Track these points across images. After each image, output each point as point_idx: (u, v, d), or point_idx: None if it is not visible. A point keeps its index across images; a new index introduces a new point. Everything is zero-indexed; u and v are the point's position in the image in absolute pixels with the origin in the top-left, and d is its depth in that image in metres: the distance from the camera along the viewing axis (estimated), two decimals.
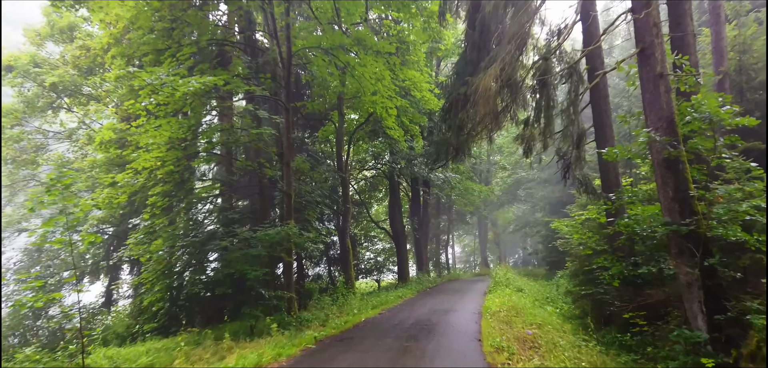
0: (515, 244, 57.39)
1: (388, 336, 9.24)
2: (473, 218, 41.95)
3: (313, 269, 24.68)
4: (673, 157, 7.63)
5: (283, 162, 11.74)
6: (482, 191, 30.87)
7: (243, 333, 9.93)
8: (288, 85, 11.68)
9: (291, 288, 11.46)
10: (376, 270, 27.68)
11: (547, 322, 11.86)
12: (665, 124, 7.79)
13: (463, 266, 51.70)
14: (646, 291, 10.16)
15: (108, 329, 13.67)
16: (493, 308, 12.75)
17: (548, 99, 9.18)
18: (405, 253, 23.68)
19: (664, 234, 7.67)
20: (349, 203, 16.64)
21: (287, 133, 11.62)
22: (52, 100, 19.30)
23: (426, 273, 25.86)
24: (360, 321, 11.32)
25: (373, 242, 29.19)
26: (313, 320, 11.35)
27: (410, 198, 26.98)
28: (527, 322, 11.04)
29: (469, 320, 11.22)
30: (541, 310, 14.58)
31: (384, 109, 13.18)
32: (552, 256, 27.90)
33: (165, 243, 10.96)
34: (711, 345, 6.83)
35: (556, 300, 17.78)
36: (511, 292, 16.79)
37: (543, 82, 9.23)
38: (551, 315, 14.16)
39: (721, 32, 13.01)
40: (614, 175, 11.02)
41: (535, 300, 16.88)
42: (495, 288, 18.00)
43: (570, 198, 25.08)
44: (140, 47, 11.59)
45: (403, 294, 17.13)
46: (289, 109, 11.66)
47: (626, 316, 9.21)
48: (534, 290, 19.12)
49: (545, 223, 28.58)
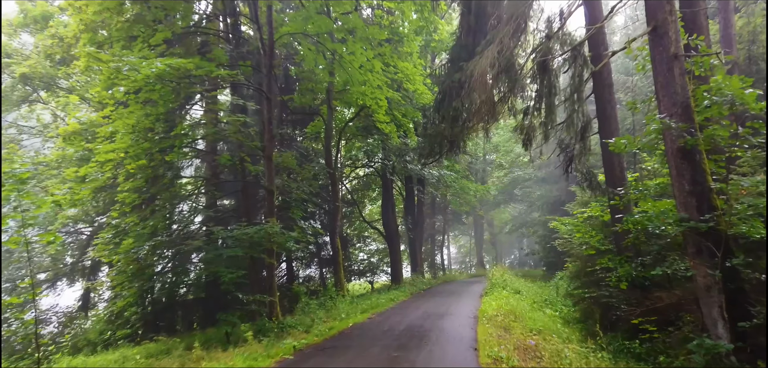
0: (511, 245, 56.81)
1: (375, 344, 8.44)
2: (469, 218, 41.26)
3: (305, 270, 23.88)
4: (690, 146, 6.88)
5: (265, 155, 10.91)
6: (478, 190, 30.13)
7: (218, 342, 9.09)
8: (269, 73, 10.85)
9: (273, 292, 10.62)
10: (369, 272, 26.91)
11: (548, 328, 11.09)
12: (680, 110, 7.04)
13: (459, 267, 50.98)
14: (655, 294, 9.42)
15: (80, 336, 12.77)
16: (490, 312, 11.97)
17: (550, 85, 8.42)
18: (398, 254, 22.88)
19: (679, 232, 6.91)
20: (338, 201, 15.82)
21: (268, 123, 10.79)
22: (27, 93, 18.36)
23: (420, 274, 25.08)
24: (347, 327, 10.51)
25: (366, 243, 28.40)
26: (297, 326, 10.52)
27: (404, 198, 26.20)
28: (527, 328, 10.26)
29: (464, 325, 10.44)
30: (541, 314, 13.82)
31: (374, 100, 12.37)
32: (550, 257, 27.21)
33: (136, 243, 10.08)
34: (734, 356, 6.07)
35: (555, 302, 17.03)
36: (509, 294, 16.04)
37: (544, 66, 8.46)
38: (551, 320, 13.41)
39: (729, 20, 12.33)
40: (619, 169, 10.27)
41: (533, 302, 16.13)
42: (492, 290, 17.25)
43: (569, 196, 24.36)
44: (113, 32, 10.74)
45: (395, 297, 16.33)
46: (271, 98, 10.82)
47: (635, 322, 8.45)
48: (532, 292, 18.38)
49: (543, 223, 27.88)
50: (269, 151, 10.75)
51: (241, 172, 13.22)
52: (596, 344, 9.00)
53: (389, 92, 12.81)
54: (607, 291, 9.81)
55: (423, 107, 17.53)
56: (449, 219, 39.14)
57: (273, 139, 10.83)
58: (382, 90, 12.32)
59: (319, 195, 15.70)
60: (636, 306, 9.33)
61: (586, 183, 9.29)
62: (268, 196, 10.72)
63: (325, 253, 25.16)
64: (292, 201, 12.43)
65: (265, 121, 10.79)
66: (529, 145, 9.22)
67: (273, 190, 10.69)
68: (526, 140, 9.14)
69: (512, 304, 12.97)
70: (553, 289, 19.07)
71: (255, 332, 9.43)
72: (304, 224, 12.28)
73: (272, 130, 10.86)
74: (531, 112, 8.83)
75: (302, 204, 12.63)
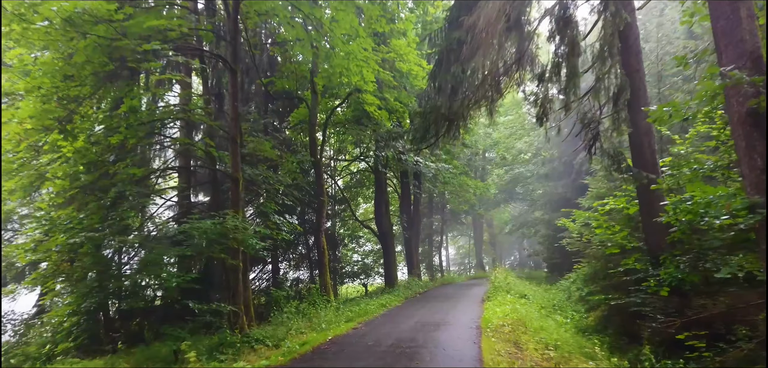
0: (511, 246, 55.18)
1: (354, 365, 6.73)
2: (468, 218, 39.59)
3: (296, 272, 22.14)
4: (763, 109, 5.23)
5: (229, 137, 9.20)
6: (478, 187, 28.45)
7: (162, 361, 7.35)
8: (234, 40, 9.14)
9: (238, 299, 8.88)
10: (363, 274, 25.19)
11: (565, 341, 9.39)
12: (749, 63, 5.38)
13: (458, 269, 49.25)
14: (699, 302, 7.75)
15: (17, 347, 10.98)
16: (495, 321, 10.27)
17: (572, 42, 6.73)
18: (393, 255, 21.15)
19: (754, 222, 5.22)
20: (324, 195, 14.10)
21: (233, 100, 9.07)
22: None
23: (417, 276, 23.33)
24: (324, 341, 8.77)
25: (359, 243, 26.65)
26: (266, 340, 8.79)
27: (400, 195, 24.47)
28: (541, 342, 8.57)
29: (465, 339, 8.73)
30: (551, 322, 12.14)
31: (359, 76, 10.67)
32: (554, 258, 25.51)
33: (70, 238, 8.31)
34: None
35: (565, 307, 15.35)
36: (514, 300, 14.32)
37: (565, 19, 6.77)
38: (564, 329, 11.72)
39: None
40: (650, 152, 8.56)
41: (540, 307, 14.45)
42: (494, 295, 15.54)
43: (575, 193, 22.66)
44: None
45: (387, 302, 14.59)
46: (235, 68, 9.11)
47: (680, 337, 6.75)
48: (537, 296, 16.66)
49: (547, 222, 26.19)
50: (234, 131, 9.04)
51: (209, 161, 11.49)
52: (630, 363, 7.33)
53: (376, 67, 11.11)
54: (639, 298, 8.11)
55: (418, 94, 15.84)
56: (447, 219, 37.48)
57: (238, 117, 9.15)
58: (369, 64, 10.61)
59: (301, 188, 13.94)
60: (677, 315, 7.65)
61: (614, 166, 7.58)
62: (232, 186, 9.00)
63: (315, 254, 23.43)
64: (265, 193, 10.67)
65: (229, 97, 9.09)
66: (544, 120, 7.51)
67: (238, 178, 8.96)
68: (542, 114, 7.44)
69: (520, 312, 11.26)
70: (562, 293, 17.38)
71: (210, 349, 7.70)
72: (278, 219, 10.58)
73: (238, 108, 9.14)
74: (548, 76, 7.13)
75: (276, 195, 10.87)
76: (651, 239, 8.63)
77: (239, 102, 9.33)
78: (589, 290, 12.35)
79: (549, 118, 7.63)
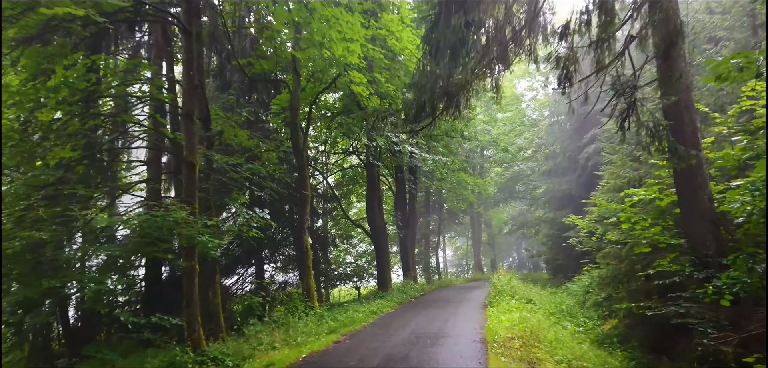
0: (510, 247, 53.81)
1: None
2: (465, 217, 38.14)
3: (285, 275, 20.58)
4: None
5: (182, 113, 7.65)
6: (477, 184, 27.00)
7: None
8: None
9: (192, 309, 7.30)
10: (356, 276, 23.66)
11: (586, 359, 7.91)
12: None
13: (455, 271, 47.82)
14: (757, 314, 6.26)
15: None
16: (501, 332, 8.75)
17: None
18: (386, 256, 19.59)
19: None
20: (307, 188, 12.53)
21: (187, 68, 7.51)
22: None
23: (412, 279, 21.76)
24: (297, 359, 7.22)
25: (352, 244, 25.11)
26: (225, 359, 7.24)
27: (395, 192, 22.90)
28: (561, 361, 7.07)
29: (469, 356, 7.20)
30: (565, 333, 10.65)
31: (342, 43, 9.10)
32: (559, 259, 24.10)
33: None
34: None
35: (575, 313, 13.85)
36: (520, 305, 12.82)
37: None
38: (578, 340, 10.23)
39: None
40: (691, 129, 7.07)
41: (548, 314, 12.94)
42: (497, 300, 14.02)
43: (581, 190, 21.22)
44: None
45: (378, 309, 13.03)
46: (190, 31, 7.54)
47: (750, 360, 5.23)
48: (543, 300, 15.14)
49: (550, 221, 24.75)
50: (188, 107, 7.47)
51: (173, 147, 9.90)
52: None
53: (362, 37, 9.55)
54: (683, 307, 6.61)
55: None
56: (445, 218, 36.00)
57: (195, 90, 7.58)
58: (354, 30, 9.04)
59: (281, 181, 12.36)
60: (732, 329, 6.15)
61: (654, 143, 6.06)
62: (186, 171, 7.43)
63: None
64: (231, 183, 9.07)
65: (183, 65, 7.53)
66: (568, 82, 6.00)
67: (194, 162, 7.40)
68: (565, 77, 5.93)
69: (529, 321, 9.70)
70: (570, 297, 15.89)
71: None
72: (247, 213, 9.02)
73: (193, 78, 7.56)
74: (574, 27, 5.61)
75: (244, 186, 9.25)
76: (693, 234, 7.12)
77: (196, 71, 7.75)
78: (608, 295, 10.86)
79: (573, 79, 6.10)
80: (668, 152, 6.12)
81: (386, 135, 13.65)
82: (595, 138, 19.66)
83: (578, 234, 15.92)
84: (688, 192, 7.06)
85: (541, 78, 35.60)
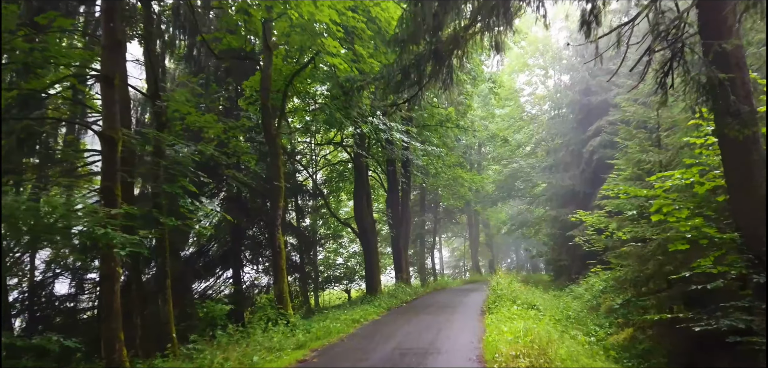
0: (508, 247, 52.36)
1: None
2: (462, 216, 36.70)
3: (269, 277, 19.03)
4: None
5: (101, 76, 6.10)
6: (474, 180, 25.52)
7: None
8: None
9: (112, 322, 5.75)
10: (346, 278, 22.16)
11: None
12: None
13: (452, 272, 46.25)
14: None
15: None
16: (503, 346, 7.26)
17: None
18: (375, 256, 18.03)
19: None
20: (279, 180, 10.97)
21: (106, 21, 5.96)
22: None
23: (405, 281, 20.17)
24: None
25: (342, 244, 23.56)
26: None
27: (386, 189, 21.33)
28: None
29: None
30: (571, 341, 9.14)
31: None
32: (561, 259, 22.60)
33: None
34: None
35: (583, 320, 12.35)
36: (523, 312, 11.31)
37: None
38: (595, 352, 8.73)
39: None
40: (744, 91, 5.55)
41: (555, 320, 11.44)
42: (497, 305, 12.51)
43: (586, 185, 19.77)
44: None
45: (362, 316, 11.47)
46: None
47: None
48: (547, 305, 13.63)
49: (552, 219, 23.25)
50: (107, 69, 5.92)
51: None
52: None
53: None
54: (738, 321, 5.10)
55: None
56: (441, 218, 34.49)
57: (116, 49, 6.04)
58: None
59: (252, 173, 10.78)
60: None
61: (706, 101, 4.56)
62: (104, 148, 5.88)
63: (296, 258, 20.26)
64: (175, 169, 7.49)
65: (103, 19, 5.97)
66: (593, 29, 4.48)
67: (115, 138, 5.84)
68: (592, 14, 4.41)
69: (535, 332, 8.14)
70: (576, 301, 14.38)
71: None
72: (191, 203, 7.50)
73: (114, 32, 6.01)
74: None
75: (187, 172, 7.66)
76: (749, 227, 5.59)
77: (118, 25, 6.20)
78: (626, 300, 9.34)
79: (598, 27, 4.58)
80: (729, 115, 4.61)
81: (371, 121, 12.12)
82: (600, 129, 18.23)
83: (585, 232, 14.44)
84: (741, 172, 5.55)
85: (541, 71, 34.43)
